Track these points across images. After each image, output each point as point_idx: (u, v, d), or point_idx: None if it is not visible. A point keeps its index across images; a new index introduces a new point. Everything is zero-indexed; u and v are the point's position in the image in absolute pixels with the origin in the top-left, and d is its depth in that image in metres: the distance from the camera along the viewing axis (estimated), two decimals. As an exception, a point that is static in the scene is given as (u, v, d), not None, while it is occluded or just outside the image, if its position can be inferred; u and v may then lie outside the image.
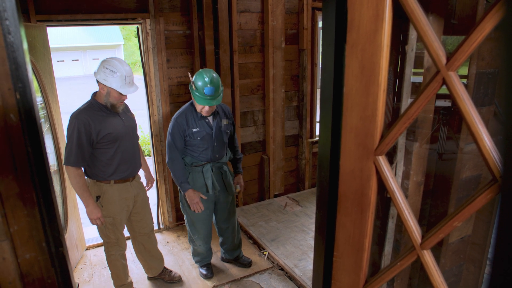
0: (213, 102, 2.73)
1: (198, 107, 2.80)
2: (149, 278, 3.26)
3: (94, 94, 2.59)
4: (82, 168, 2.55)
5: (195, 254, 3.32)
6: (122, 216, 2.74)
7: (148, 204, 2.98)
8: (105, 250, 2.83)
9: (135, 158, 2.75)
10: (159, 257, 3.16)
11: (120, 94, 2.51)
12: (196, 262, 3.36)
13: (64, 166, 2.49)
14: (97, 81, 2.50)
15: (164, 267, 3.23)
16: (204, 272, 3.30)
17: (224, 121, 3.00)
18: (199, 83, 2.70)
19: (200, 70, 2.80)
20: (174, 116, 2.92)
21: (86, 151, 2.48)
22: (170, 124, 2.90)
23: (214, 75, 2.75)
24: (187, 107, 2.92)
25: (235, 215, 3.29)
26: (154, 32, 3.59)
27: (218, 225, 3.28)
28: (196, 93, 2.72)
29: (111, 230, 2.72)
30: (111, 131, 2.54)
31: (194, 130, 2.86)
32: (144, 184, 3.02)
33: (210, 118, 2.92)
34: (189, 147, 2.93)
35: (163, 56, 3.68)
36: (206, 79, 2.69)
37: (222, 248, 3.45)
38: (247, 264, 3.41)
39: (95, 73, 2.50)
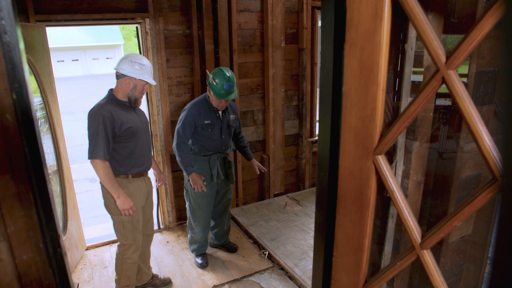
0: (230, 96, 2.99)
1: (215, 102, 3.02)
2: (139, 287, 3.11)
3: (111, 90, 2.63)
4: None
5: (192, 241, 3.44)
6: (139, 212, 2.73)
7: (153, 204, 2.99)
8: (120, 253, 2.76)
9: (149, 153, 2.81)
10: (149, 263, 3.12)
11: (143, 88, 2.59)
12: (192, 251, 3.48)
13: (91, 162, 2.48)
14: (119, 77, 2.55)
15: (152, 274, 3.19)
16: (199, 261, 3.42)
17: (232, 116, 3.23)
18: (219, 79, 2.93)
19: (219, 67, 3.04)
20: (188, 106, 3.12)
21: (111, 144, 2.50)
22: (183, 113, 3.10)
23: (231, 72, 3.01)
24: (200, 100, 3.13)
25: (230, 203, 3.53)
26: (154, 31, 3.58)
27: (215, 210, 3.47)
28: (216, 89, 2.93)
29: (129, 230, 2.69)
30: (132, 124, 2.58)
31: (206, 121, 3.08)
32: (153, 181, 3.01)
33: (220, 113, 3.14)
34: (198, 137, 3.13)
35: (162, 55, 3.68)
36: (226, 76, 2.94)
37: (212, 233, 3.63)
38: (234, 249, 3.64)
39: (118, 68, 2.54)
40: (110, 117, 2.46)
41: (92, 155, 2.45)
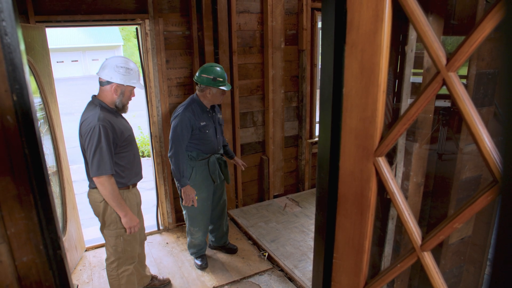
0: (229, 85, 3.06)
1: (220, 98, 3.03)
2: None
3: (95, 96, 2.43)
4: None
5: (191, 246, 3.42)
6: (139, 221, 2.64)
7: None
8: (114, 270, 2.58)
9: (140, 160, 2.70)
10: (145, 264, 3.07)
11: (131, 93, 2.46)
12: (192, 254, 3.47)
13: (96, 179, 2.28)
14: (104, 83, 2.36)
15: (151, 275, 3.15)
16: (199, 263, 3.42)
17: (219, 115, 3.22)
18: (218, 73, 2.95)
19: (204, 65, 3.02)
20: (180, 111, 3.00)
21: (113, 156, 2.33)
22: (177, 119, 2.96)
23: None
24: (191, 102, 3.05)
25: (226, 204, 3.51)
26: (154, 33, 3.59)
27: (212, 214, 3.43)
28: (220, 82, 2.95)
29: (128, 242, 2.54)
30: (129, 132, 2.49)
31: (202, 123, 3.02)
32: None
33: (211, 112, 3.12)
34: (195, 141, 3.05)
35: (162, 57, 3.68)
36: (218, 68, 2.97)
37: (211, 236, 3.62)
38: (233, 250, 3.63)
39: (103, 75, 2.36)
40: (110, 127, 2.29)
41: (98, 171, 2.25)
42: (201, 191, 3.13)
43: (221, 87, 2.96)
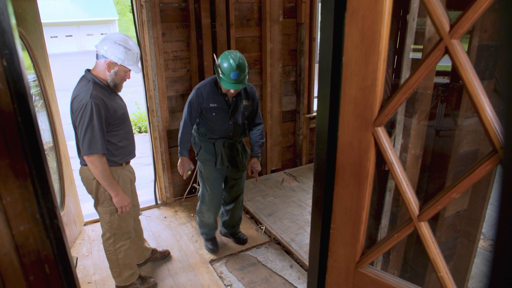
0: (239, 86, 2.69)
1: (224, 89, 2.77)
2: (141, 265, 3.10)
3: (89, 71, 2.36)
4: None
5: (202, 225, 3.32)
6: (131, 197, 2.64)
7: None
8: (111, 245, 2.59)
9: (134, 138, 2.65)
10: (144, 238, 3.10)
11: (125, 74, 2.36)
12: (202, 234, 3.38)
13: (86, 158, 2.23)
14: (100, 57, 2.30)
15: (152, 248, 3.19)
16: (210, 246, 3.33)
17: (244, 102, 2.94)
18: (225, 67, 2.64)
19: (226, 52, 2.73)
20: (197, 86, 2.89)
21: (105, 135, 2.28)
22: (190, 94, 2.89)
23: (240, 59, 2.68)
24: (210, 81, 2.88)
25: (242, 193, 3.32)
26: (149, 4, 3.49)
27: (223, 197, 3.32)
28: (222, 77, 2.67)
29: (123, 218, 2.54)
30: (123, 110, 2.42)
31: (211, 105, 2.84)
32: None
33: (230, 97, 2.87)
34: (204, 119, 2.94)
35: (158, 29, 3.60)
36: (232, 64, 2.62)
37: (221, 221, 3.47)
38: (243, 240, 3.44)
39: (100, 48, 2.28)
40: (103, 105, 2.22)
41: (89, 150, 2.20)
42: (210, 170, 3.04)
43: (220, 82, 2.71)
